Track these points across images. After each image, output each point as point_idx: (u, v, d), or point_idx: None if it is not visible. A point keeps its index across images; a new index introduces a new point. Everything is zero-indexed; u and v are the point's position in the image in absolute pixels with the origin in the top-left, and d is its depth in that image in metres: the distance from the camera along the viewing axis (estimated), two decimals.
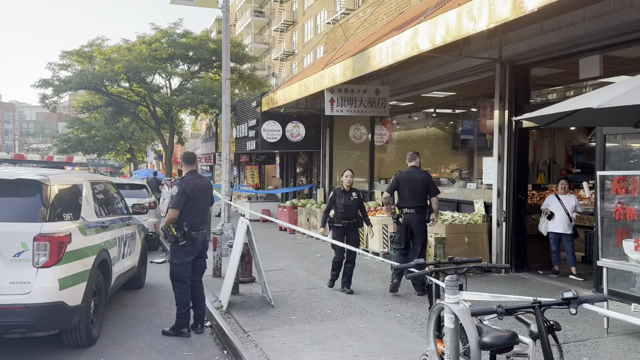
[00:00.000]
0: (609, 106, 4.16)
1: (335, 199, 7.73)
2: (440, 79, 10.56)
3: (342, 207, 7.66)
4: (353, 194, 7.75)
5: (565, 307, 2.81)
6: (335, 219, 7.70)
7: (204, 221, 6.11)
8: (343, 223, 7.66)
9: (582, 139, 13.23)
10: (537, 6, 5.10)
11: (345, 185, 7.76)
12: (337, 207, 7.70)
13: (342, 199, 7.70)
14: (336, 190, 7.84)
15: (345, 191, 7.74)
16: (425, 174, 7.68)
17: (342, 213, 7.66)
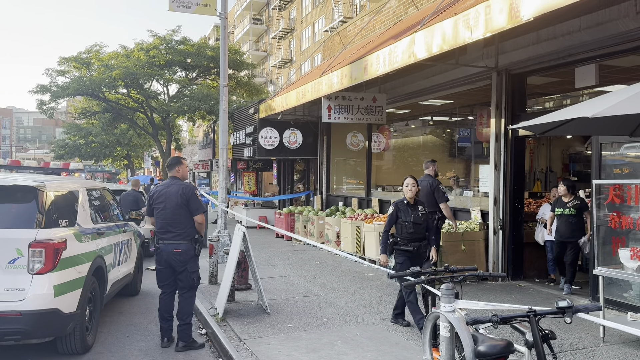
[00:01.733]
0: (604, 115, 4.18)
1: (399, 214, 6.25)
2: (437, 87, 10.60)
3: (410, 225, 6.18)
4: (419, 207, 6.31)
5: (561, 317, 2.81)
6: (402, 241, 6.20)
7: (168, 231, 5.71)
8: (413, 246, 6.17)
9: (578, 148, 13.28)
10: (533, 15, 5.13)
11: (409, 197, 6.28)
12: (402, 225, 6.21)
13: (408, 214, 6.20)
14: (399, 205, 6.31)
15: (409, 204, 6.28)
16: (432, 182, 8.00)
17: (410, 233, 6.17)
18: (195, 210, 5.78)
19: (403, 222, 6.21)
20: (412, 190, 6.26)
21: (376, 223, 10.50)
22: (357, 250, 11.10)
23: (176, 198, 5.74)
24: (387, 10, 13.68)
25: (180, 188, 5.78)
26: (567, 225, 8.06)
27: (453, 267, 3.93)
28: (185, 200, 5.74)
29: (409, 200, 6.28)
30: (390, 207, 6.39)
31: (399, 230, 6.24)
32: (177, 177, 5.95)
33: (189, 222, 5.77)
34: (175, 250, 5.70)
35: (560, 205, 8.17)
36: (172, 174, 5.98)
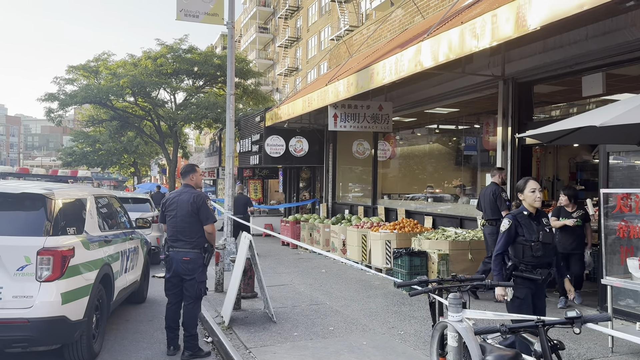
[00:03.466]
0: (611, 124, 4.17)
1: (519, 231, 4.70)
2: (443, 95, 10.61)
3: (537, 245, 4.65)
4: (544, 220, 4.84)
5: (569, 327, 2.80)
6: (524, 267, 4.69)
7: (178, 239, 5.72)
8: (541, 273, 4.66)
9: (585, 156, 13.22)
10: (540, 25, 5.14)
11: (536, 205, 4.75)
12: (525, 246, 4.67)
13: (533, 231, 4.68)
14: (518, 217, 4.76)
15: (532, 217, 4.76)
16: (495, 189, 8.18)
17: (537, 257, 4.66)
18: (205, 220, 5.76)
19: (526, 242, 4.66)
20: (539, 197, 4.75)
21: (382, 231, 10.48)
22: (363, 258, 11.08)
23: (187, 206, 5.73)
24: (393, 19, 13.72)
25: (192, 197, 5.77)
26: (572, 236, 7.67)
27: (461, 276, 3.93)
28: (195, 209, 5.72)
29: (532, 210, 4.76)
30: (505, 221, 4.81)
31: (519, 252, 4.71)
32: (191, 185, 5.94)
33: (199, 231, 5.76)
34: (184, 259, 5.69)
35: (564, 215, 7.75)
36: (185, 181, 5.98)
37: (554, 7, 4.93)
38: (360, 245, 11.21)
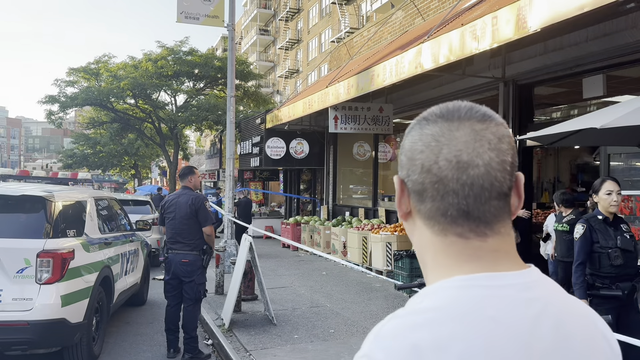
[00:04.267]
0: (612, 126, 4.17)
1: (594, 236, 4.18)
2: (444, 97, 10.60)
3: (616, 252, 4.11)
4: (622, 225, 4.29)
5: None
6: (600, 280, 4.15)
7: (177, 241, 5.71)
8: (622, 288, 4.07)
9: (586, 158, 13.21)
10: (540, 26, 5.13)
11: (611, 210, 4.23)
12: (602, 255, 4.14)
13: (608, 236, 4.18)
14: (591, 221, 4.25)
15: (608, 221, 4.25)
16: None
17: (616, 267, 4.10)
18: (204, 222, 5.77)
19: (602, 249, 4.11)
20: (615, 201, 4.20)
21: (383, 233, 10.47)
22: (363, 260, 11.07)
23: (185, 208, 5.73)
24: (393, 21, 13.73)
25: (190, 198, 5.77)
26: (563, 243, 7.20)
27: None
28: (194, 211, 5.72)
29: (608, 214, 4.23)
30: (578, 227, 4.26)
31: (595, 262, 4.14)
32: (189, 187, 5.94)
33: (197, 232, 5.76)
34: (183, 261, 5.68)
35: (557, 219, 7.38)
36: (184, 183, 5.99)
37: (554, 8, 4.92)
38: (361, 248, 11.20)
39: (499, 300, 0.79)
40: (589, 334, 0.85)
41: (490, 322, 0.76)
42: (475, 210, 0.81)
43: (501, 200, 0.82)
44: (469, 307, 0.78)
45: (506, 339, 0.76)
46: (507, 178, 0.82)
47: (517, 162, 0.85)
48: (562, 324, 0.82)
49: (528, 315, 0.79)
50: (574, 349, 0.81)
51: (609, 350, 0.87)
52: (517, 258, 0.85)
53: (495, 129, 0.84)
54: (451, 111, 0.86)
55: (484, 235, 0.82)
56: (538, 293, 0.82)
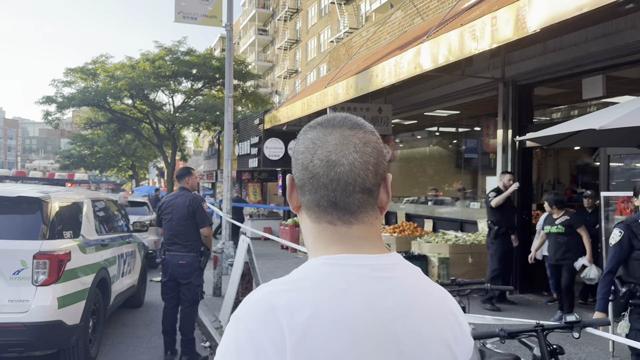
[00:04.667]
0: (611, 127, 4.14)
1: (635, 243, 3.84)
2: (443, 97, 10.58)
3: None
4: None
5: (569, 331, 2.76)
6: None
7: (175, 242, 5.66)
8: None
9: (586, 159, 13.20)
10: (539, 27, 5.10)
11: None
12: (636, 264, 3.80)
13: None
14: (632, 226, 3.87)
15: None
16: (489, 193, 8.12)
17: None
18: (201, 223, 5.72)
19: None
20: None
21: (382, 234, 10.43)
22: None
23: (183, 209, 5.68)
24: (392, 21, 13.70)
25: (187, 199, 5.73)
26: (557, 245, 6.96)
27: (460, 280, 3.89)
28: (191, 212, 5.68)
29: None
30: (616, 232, 3.91)
31: (636, 270, 3.80)
32: (187, 187, 5.89)
33: (195, 234, 5.71)
34: (180, 262, 5.63)
35: (548, 222, 7.10)
36: (181, 184, 5.94)
37: (553, 9, 4.89)
38: None
39: (352, 276, 0.95)
40: (436, 309, 1.00)
41: (340, 293, 0.92)
42: (341, 201, 0.98)
43: (365, 194, 0.99)
44: (324, 279, 0.94)
45: (353, 307, 0.92)
46: (369, 176, 0.99)
47: (383, 163, 1.03)
48: (410, 299, 0.97)
49: (378, 290, 0.95)
50: (418, 319, 0.96)
51: (456, 326, 1.02)
52: (379, 244, 1.02)
53: (362, 136, 1.01)
54: (328, 120, 1.04)
55: (349, 223, 0.99)
56: (391, 274, 0.97)
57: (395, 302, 0.95)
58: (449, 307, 1.03)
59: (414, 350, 0.95)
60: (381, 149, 1.03)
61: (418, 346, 0.96)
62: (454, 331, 1.01)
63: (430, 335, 0.97)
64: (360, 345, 0.91)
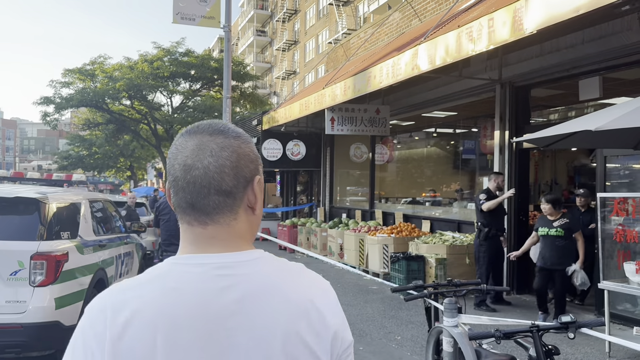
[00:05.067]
0: (607, 128, 4.16)
1: None
2: (440, 99, 10.60)
3: None
4: None
5: (564, 332, 2.78)
6: None
7: (172, 243, 5.66)
8: None
9: (583, 160, 13.23)
10: (536, 28, 5.13)
11: None
12: None
13: None
14: None
15: None
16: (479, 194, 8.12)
17: None
18: None
19: None
20: None
21: (379, 235, 10.45)
22: (360, 262, 11.05)
23: None
24: (390, 22, 13.73)
25: None
26: (554, 249, 6.60)
27: (456, 280, 3.90)
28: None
29: None
30: None
31: None
32: None
33: None
34: None
35: (544, 224, 6.71)
36: None
37: (550, 10, 4.92)
38: (357, 250, 11.18)
39: (188, 275, 1.00)
40: (288, 303, 1.02)
41: (170, 291, 0.97)
42: (198, 203, 1.03)
43: (221, 196, 1.03)
44: (158, 278, 1.00)
45: (181, 304, 0.96)
46: (225, 179, 1.03)
47: (248, 166, 1.07)
48: (253, 295, 1.00)
49: (213, 287, 0.99)
50: (258, 314, 0.99)
51: (315, 317, 1.03)
52: (237, 244, 1.05)
53: (221, 141, 1.05)
54: (193, 127, 1.10)
55: (205, 223, 1.04)
56: (234, 271, 1.01)
57: (232, 299, 0.98)
58: (310, 298, 1.05)
59: (250, 345, 0.98)
60: (246, 153, 1.07)
61: (256, 341, 0.98)
62: (312, 322, 1.03)
63: (272, 329, 0.99)
64: (182, 341, 0.95)
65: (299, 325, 1.01)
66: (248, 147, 1.09)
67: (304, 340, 1.01)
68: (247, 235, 1.09)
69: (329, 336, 1.05)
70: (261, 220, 1.15)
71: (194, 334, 0.96)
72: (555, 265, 6.59)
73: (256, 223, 1.12)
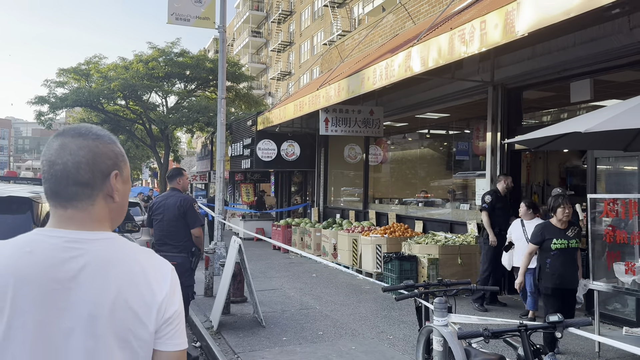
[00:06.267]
0: (596, 130, 4.21)
1: None
2: (433, 100, 10.66)
3: None
4: None
5: (552, 331, 2.82)
6: None
7: (165, 243, 5.68)
8: None
9: (575, 161, 13.32)
10: (528, 31, 5.18)
11: None
12: None
13: None
14: None
15: None
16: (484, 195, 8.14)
17: None
18: (192, 223, 5.75)
19: None
20: None
21: (373, 236, 10.50)
22: (354, 263, 11.08)
23: (174, 210, 5.71)
24: (384, 24, 13.78)
25: (179, 200, 5.75)
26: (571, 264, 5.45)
27: (447, 280, 3.94)
28: (182, 212, 5.71)
29: None
30: None
31: None
32: (178, 188, 5.93)
33: (186, 234, 5.74)
34: (171, 263, 5.64)
35: (557, 234, 5.42)
36: (172, 185, 5.97)
37: (541, 13, 4.97)
38: (351, 250, 11.22)
39: (43, 243, 1.25)
40: (124, 276, 1.26)
41: (25, 254, 1.23)
42: (60, 191, 1.29)
43: (79, 186, 1.29)
44: (19, 242, 1.27)
45: (35, 266, 1.21)
46: (81, 173, 1.29)
47: (105, 163, 1.32)
48: (93, 266, 1.24)
49: (62, 256, 1.24)
50: (93, 282, 1.23)
51: (146, 291, 1.28)
52: (92, 225, 1.30)
53: (80, 142, 1.31)
54: (60, 131, 1.34)
55: (65, 207, 1.30)
56: (83, 246, 1.26)
57: (75, 266, 1.23)
58: (143, 273, 1.30)
59: (84, 304, 1.22)
60: (103, 152, 1.33)
61: (90, 302, 1.22)
62: (142, 293, 1.27)
63: (105, 294, 1.23)
64: (29, 293, 1.20)
65: (129, 294, 1.25)
66: (106, 147, 1.34)
67: (132, 307, 1.25)
68: (105, 219, 1.34)
69: (155, 306, 1.28)
70: (127, 208, 1.44)
71: (39, 289, 1.20)
72: (574, 284, 5.47)
73: (117, 209, 1.37)
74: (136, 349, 1.26)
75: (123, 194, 1.38)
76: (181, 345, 1.35)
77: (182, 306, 1.35)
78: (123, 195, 1.38)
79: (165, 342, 1.32)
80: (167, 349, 1.32)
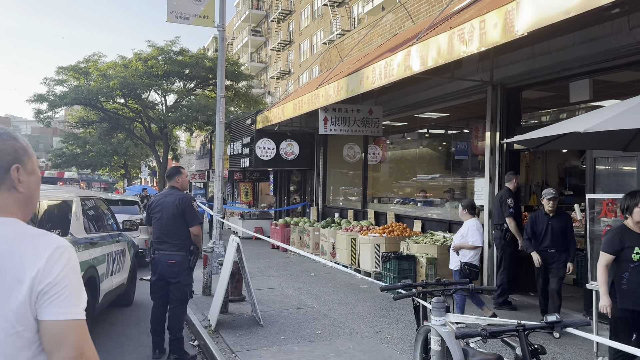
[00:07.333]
0: (595, 130, 4.20)
1: None
2: (432, 100, 10.65)
3: None
4: None
5: (550, 331, 2.81)
6: None
7: (164, 241, 5.67)
8: None
9: (574, 161, 13.32)
10: (527, 30, 5.17)
11: None
12: None
13: None
14: None
15: None
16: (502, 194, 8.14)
17: None
18: (191, 222, 5.74)
19: None
20: None
21: (371, 235, 10.49)
22: (352, 262, 11.08)
23: (172, 208, 5.70)
24: (384, 23, 13.77)
25: (177, 198, 5.75)
26: None
27: (445, 280, 3.94)
28: (181, 211, 5.70)
29: None
30: None
31: None
32: (177, 187, 5.92)
33: (184, 233, 5.73)
34: (169, 261, 5.65)
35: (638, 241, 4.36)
36: (171, 183, 5.96)
37: (541, 13, 4.96)
38: (349, 249, 11.21)
39: None
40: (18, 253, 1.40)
41: None
42: None
43: None
44: None
45: None
46: None
47: (5, 159, 1.49)
48: None
49: None
50: None
51: (18, 269, 1.38)
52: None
53: None
54: None
55: None
56: None
57: None
58: (19, 255, 1.40)
59: None
60: (3, 149, 1.48)
61: None
62: (37, 268, 1.38)
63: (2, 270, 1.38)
64: None
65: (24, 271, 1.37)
66: (6, 144, 1.50)
67: (22, 282, 1.37)
68: (11, 208, 1.50)
69: (26, 281, 1.37)
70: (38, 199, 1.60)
71: None
72: None
73: (24, 199, 1.53)
74: (10, 318, 1.37)
75: (28, 186, 1.53)
76: (61, 315, 1.39)
77: (66, 277, 1.41)
78: (28, 187, 1.53)
79: (43, 312, 1.38)
80: (45, 318, 1.38)
